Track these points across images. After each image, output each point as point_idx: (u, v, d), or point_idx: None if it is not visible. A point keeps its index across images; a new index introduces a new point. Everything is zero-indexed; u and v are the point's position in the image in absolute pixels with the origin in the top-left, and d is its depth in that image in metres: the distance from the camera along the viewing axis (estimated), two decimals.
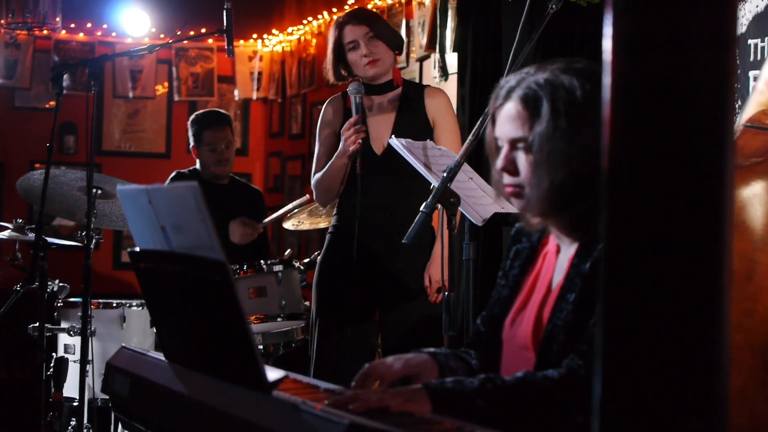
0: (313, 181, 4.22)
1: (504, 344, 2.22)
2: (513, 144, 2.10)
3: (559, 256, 2.18)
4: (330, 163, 4.09)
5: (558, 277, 2.14)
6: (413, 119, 4.16)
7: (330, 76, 4.21)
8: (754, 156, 2.36)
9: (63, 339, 4.94)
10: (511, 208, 2.46)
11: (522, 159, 2.08)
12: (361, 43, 4.09)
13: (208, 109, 5.76)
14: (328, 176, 4.12)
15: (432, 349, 2.28)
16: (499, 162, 2.12)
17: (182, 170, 5.51)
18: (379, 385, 2.14)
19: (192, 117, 5.55)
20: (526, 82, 2.07)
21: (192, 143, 5.47)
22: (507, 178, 2.12)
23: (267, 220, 5.46)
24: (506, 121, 2.10)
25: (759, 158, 2.35)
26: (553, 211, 2.09)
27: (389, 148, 3.82)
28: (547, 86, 2.04)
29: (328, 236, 4.26)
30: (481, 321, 2.35)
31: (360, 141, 3.94)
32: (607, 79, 1.00)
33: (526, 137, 2.06)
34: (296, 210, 5.46)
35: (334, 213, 4.30)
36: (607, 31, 1.00)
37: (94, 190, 4.36)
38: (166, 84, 8.74)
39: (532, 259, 2.27)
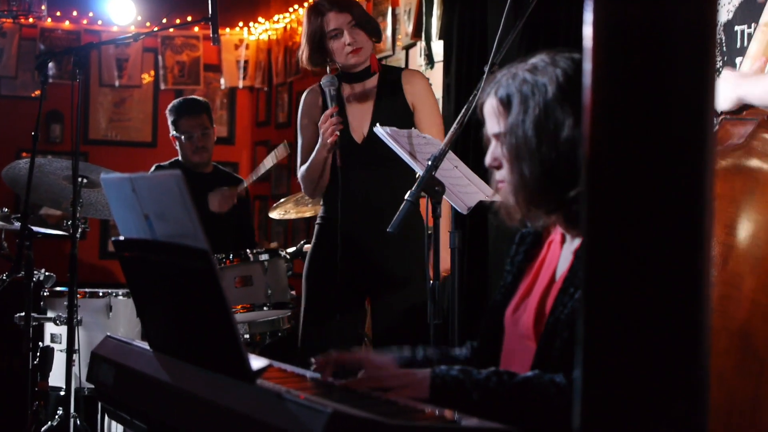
0: (298, 173, 4.19)
1: (506, 330, 2.23)
2: (496, 139, 2.15)
3: (564, 245, 2.19)
4: (312, 157, 4.07)
5: (562, 268, 2.15)
6: (392, 105, 4.12)
7: (305, 62, 4.14)
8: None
9: (49, 328, 4.93)
10: (496, 196, 2.47)
11: (503, 153, 2.13)
12: (345, 32, 4.03)
13: (184, 97, 5.72)
14: (310, 169, 4.09)
15: (406, 353, 2.30)
16: (486, 158, 2.18)
17: (162, 163, 5.45)
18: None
19: (169, 106, 5.50)
20: (504, 78, 2.13)
21: (171, 132, 5.45)
22: (495, 174, 2.17)
23: (246, 183, 5.41)
24: (488, 117, 2.16)
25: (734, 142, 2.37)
26: (528, 206, 2.12)
27: (369, 137, 3.80)
28: (520, 81, 2.09)
29: (316, 227, 4.25)
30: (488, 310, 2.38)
31: (338, 133, 3.90)
32: (587, 66, 1.01)
33: (503, 132, 2.11)
34: (273, 164, 5.47)
35: (321, 204, 4.29)
36: (588, 17, 1.00)
37: (80, 179, 4.35)
38: (152, 72, 8.71)
39: (537, 246, 2.29)
